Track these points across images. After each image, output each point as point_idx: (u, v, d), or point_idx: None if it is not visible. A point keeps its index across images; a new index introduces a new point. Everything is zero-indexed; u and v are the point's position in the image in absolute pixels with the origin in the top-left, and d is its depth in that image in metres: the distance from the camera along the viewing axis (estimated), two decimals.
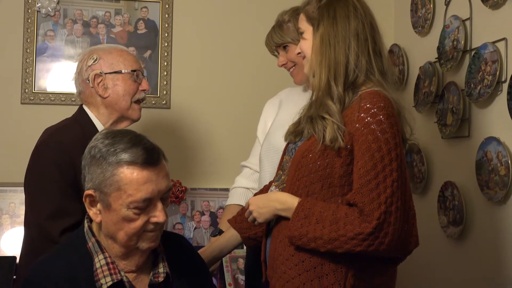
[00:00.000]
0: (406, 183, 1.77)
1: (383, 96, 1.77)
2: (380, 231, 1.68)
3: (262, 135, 2.53)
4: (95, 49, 2.33)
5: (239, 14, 3.38)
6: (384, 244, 1.69)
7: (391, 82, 1.88)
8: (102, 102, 2.27)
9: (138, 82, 2.31)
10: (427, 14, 3.02)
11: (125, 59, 2.30)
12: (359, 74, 1.83)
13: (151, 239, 1.69)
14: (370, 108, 1.74)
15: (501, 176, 2.36)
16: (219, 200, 3.24)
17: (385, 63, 1.88)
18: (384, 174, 1.70)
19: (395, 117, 1.76)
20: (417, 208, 3.00)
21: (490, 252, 2.48)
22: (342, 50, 1.83)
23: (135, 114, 2.33)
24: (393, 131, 1.73)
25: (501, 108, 2.40)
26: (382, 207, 1.69)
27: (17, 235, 3.00)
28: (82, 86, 2.29)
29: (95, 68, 2.26)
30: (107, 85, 2.26)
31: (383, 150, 1.71)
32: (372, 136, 1.72)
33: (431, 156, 2.96)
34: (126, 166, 1.62)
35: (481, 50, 2.51)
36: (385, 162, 1.71)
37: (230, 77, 3.36)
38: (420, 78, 3.03)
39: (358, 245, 1.69)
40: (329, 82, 1.83)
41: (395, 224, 1.70)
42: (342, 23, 1.84)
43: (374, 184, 1.70)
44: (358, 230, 1.69)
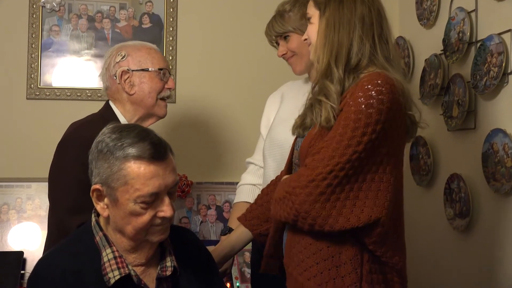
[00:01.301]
0: (379, 161, 1.73)
1: (383, 75, 1.75)
2: (314, 188, 1.68)
3: (265, 131, 2.53)
4: (124, 46, 2.34)
5: (244, 8, 3.38)
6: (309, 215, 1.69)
7: (396, 68, 1.86)
8: (128, 99, 2.29)
9: (164, 81, 2.32)
10: (432, 6, 3.01)
11: (153, 57, 2.31)
12: (362, 58, 1.82)
13: (160, 231, 1.69)
14: (366, 85, 1.73)
15: (508, 168, 2.36)
16: (225, 194, 3.25)
17: (391, 50, 1.87)
18: (349, 143, 1.69)
19: (392, 95, 1.73)
20: (424, 200, 3.03)
21: (496, 244, 2.48)
22: (346, 33, 1.82)
23: (161, 111, 2.35)
24: (381, 108, 1.70)
25: (507, 100, 2.40)
26: (327, 168, 1.68)
27: (24, 230, 3.01)
28: (109, 82, 2.31)
29: (122, 64, 2.27)
30: (133, 82, 2.27)
31: (361, 122, 1.69)
32: (355, 108, 1.71)
33: (437, 148, 2.95)
34: (133, 160, 1.62)
35: (486, 42, 2.51)
36: (356, 133, 1.69)
37: (235, 71, 3.36)
38: (425, 70, 3.02)
39: (294, 201, 1.70)
40: (329, 64, 1.83)
41: (338, 193, 1.69)
42: (348, 7, 1.84)
43: (333, 147, 1.70)
44: (295, 184, 1.71)
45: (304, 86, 2.46)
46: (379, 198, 1.71)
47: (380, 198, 1.72)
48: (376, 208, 1.70)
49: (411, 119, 1.86)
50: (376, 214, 1.70)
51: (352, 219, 1.69)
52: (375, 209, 1.70)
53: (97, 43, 3.22)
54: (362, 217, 1.69)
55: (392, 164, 1.76)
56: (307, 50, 2.34)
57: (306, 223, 1.71)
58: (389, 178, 1.74)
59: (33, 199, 3.04)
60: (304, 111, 1.92)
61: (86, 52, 3.23)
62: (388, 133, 1.73)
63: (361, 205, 1.70)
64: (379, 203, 1.71)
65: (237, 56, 3.37)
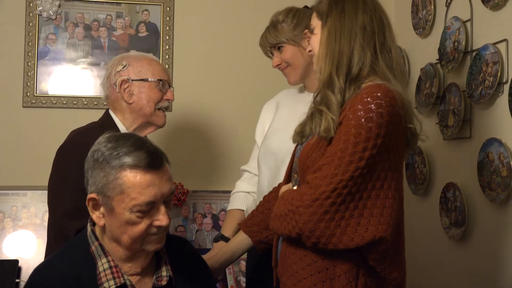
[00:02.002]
0: (383, 176, 1.71)
1: (384, 87, 1.73)
2: (318, 207, 1.66)
3: (260, 139, 2.53)
4: (126, 56, 2.38)
5: (240, 17, 3.39)
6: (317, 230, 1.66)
7: (399, 78, 1.84)
8: (127, 108, 2.32)
9: (163, 91, 2.34)
10: (428, 15, 3.02)
11: (154, 68, 2.34)
12: (363, 67, 1.80)
13: (156, 241, 1.69)
14: (365, 97, 1.70)
15: (503, 177, 2.36)
16: (221, 203, 3.25)
17: (394, 59, 1.85)
18: (351, 159, 1.66)
19: (392, 109, 1.71)
20: (419, 209, 3.03)
21: (492, 253, 2.48)
22: (347, 42, 1.81)
23: (160, 120, 2.37)
24: (380, 122, 1.68)
25: (503, 109, 2.40)
26: (330, 186, 1.66)
27: (19, 239, 3.00)
28: (109, 90, 2.34)
29: (123, 74, 2.31)
30: (132, 91, 2.30)
31: (362, 136, 1.67)
32: (355, 122, 1.68)
33: (433, 157, 2.96)
34: (129, 169, 1.62)
35: (482, 51, 2.52)
36: (357, 148, 1.66)
37: (232, 79, 3.37)
38: (421, 79, 3.03)
39: (298, 220, 1.68)
40: (331, 74, 1.81)
41: (342, 212, 1.66)
42: (350, 16, 1.83)
43: (335, 164, 1.67)
44: (298, 203, 1.69)
45: (299, 95, 2.47)
46: (384, 216, 1.69)
47: (385, 215, 1.69)
48: (381, 227, 1.68)
49: (412, 132, 1.84)
50: (380, 233, 1.67)
51: (356, 238, 1.66)
52: (379, 227, 1.68)
53: (94, 52, 3.23)
54: (367, 236, 1.67)
55: (396, 180, 1.74)
56: (301, 61, 2.36)
57: (310, 241, 1.69)
58: (394, 194, 1.72)
59: (29, 207, 3.03)
60: (305, 120, 1.90)
61: (82, 60, 3.23)
62: (389, 146, 1.71)
63: (365, 223, 1.67)
64: (384, 221, 1.68)
65: (233, 65, 3.37)
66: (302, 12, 2.40)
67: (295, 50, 2.36)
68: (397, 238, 1.78)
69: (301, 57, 2.36)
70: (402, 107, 1.76)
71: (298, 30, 2.35)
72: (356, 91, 1.77)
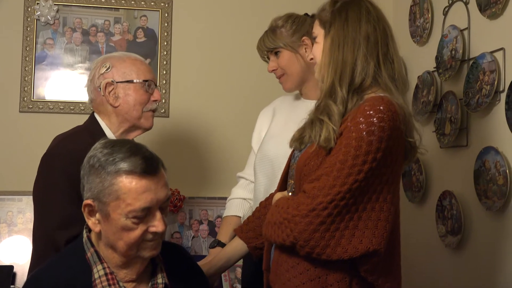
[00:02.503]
0: (379, 189, 1.71)
1: (386, 100, 1.73)
2: (315, 218, 1.66)
3: (257, 145, 2.53)
4: (108, 57, 2.29)
5: (239, 23, 3.39)
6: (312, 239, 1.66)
7: (401, 89, 1.84)
8: (113, 111, 2.24)
9: (149, 92, 2.27)
10: (425, 23, 3.03)
11: (138, 68, 2.26)
12: (366, 78, 1.80)
13: (151, 247, 1.68)
14: (368, 110, 1.70)
15: (499, 185, 2.36)
16: (218, 209, 3.24)
17: (397, 70, 1.85)
18: (350, 171, 1.66)
19: (393, 123, 1.71)
20: (416, 217, 3.03)
21: (488, 262, 2.48)
22: (351, 52, 1.80)
23: (147, 122, 2.29)
24: (382, 135, 1.68)
25: (499, 118, 2.41)
26: (328, 197, 1.66)
27: (15, 244, 2.99)
28: (94, 94, 2.26)
29: (107, 76, 2.23)
30: (118, 94, 2.23)
31: (362, 149, 1.67)
32: (356, 134, 1.68)
33: (430, 165, 2.96)
34: (125, 175, 1.62)
35: (479, 60, 2.52)
36: (357, 161, 1.67)
37: (229, 85, 3.37)
38: (418, 87, 3.03)
39: (293, 229, 1.68)
40: (333, 84, 1.80)
41: (337, 223, 1.67)
42: (353, 25, 1.82)
43: (334, 176, 1.67)
44: (294, 212, 1.69)
45: (296, 102, 2.47)
46: (379, 229, 1.69)
47: (380, 228, 1.69)
48: (374, 239, 1.68)
49: (411, 145, 1.84)
50: (374, 246, 1.68)
51: (350, 250, 1.67)
52: (373, 240, 1.68)
53: (91, 57, 3.22)
54: (360, 248, 1.67)
55: (392, 193, 1.74)
56: (297, 68, 2.36)
57: (303, 251, 1.69)
58: (389, 207, 1.72)
59: (24, 213, 3.03)
60: (304, 126, 1.90)
61: (80, 65, 3.23)
62: (388, 160, 1.71)
63: (359, 235, 1.68)
64: (378, 233, 1.69)
65: (230, 71, 3.37)
66: (301, 19, 2.40)
67: (291, 56, 2.36)
68: (392, 249, 1.78)
69: (297, 64, 2.36)
70: (403, 121, 1.76)
71: (296, 37, 2.35)
72: (359, 102, 1.77)
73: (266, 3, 3.38)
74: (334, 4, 1.88)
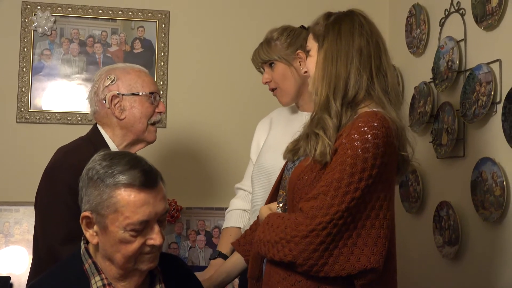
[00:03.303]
0: (378, 206, 1.72)
1: (380, 116, 1.74)
2: (315, 238, 1.66)
3: (255, 156, 2.52)
4: (112, 69, 2.27)
5: (236, 34, 3.40)
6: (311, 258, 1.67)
7: (394, 102, 1.84)
8: (118, 124, 2.23)
9: (155, 105, 2.26)
10: (422, 34, 3.04)
11: (143, 80, 2.25)
12: (359, 91, 1.80)
13: (149, 260, 1.68)
14: (362, 126, 1.71)
15: (496, 196, 2.37)
16: (215, 219, 3.24)
17: (390, 83, 1.85)
18: (347, 189, 1.67)
19: (387, 139, 1.72)
20: (413, 227, 3.03)
21: (485, 272, 2.48)
22: (344, 65, 1.81)
23: (151, 136, 2.29)
24: (376, 152, 1.69)
25: (496, 129, 2.42)
26: (327, 217, 1.66)
27: (11, 255, 2.99)
28: (98, 106, 2.24)
29: (112, 88, 2.21)
30: (124, 106, 2.21)
31: (358, 167, 1.68)
32: (352, 151, 1.69)
33: (427, 175, 2.96)
34: (124, 188, 1.61)
35: (475, 71, 2.53)
36: (353, 179, 1.67)
37: (226, 96, 3.37)
38: (415, 98, 3.04)
39: (293, 249, 1.68)
40: (328, 97, 1.81)
41: (336, 242, 1.67)
42: (346, 39, 1.83)
43: (331, 195, 1.68)
44: (293, 232, 1.69)
45: (292, 115, 2.47)
46: (378, 246, 1.69)
47: (379, 246, 1.70)
48: (373, 257, 1.68)
49: (404, 158, 1.85)
50: (373, 264, 1.68)
51: (347, 268, 1.67)
52: (372, 258, 1.68)
53: (88, 68, 3.23)
54: (358, 266, 1.68)
55: (391, 209, 1.75)
56: (291, 82, 2.36)
57: (302, 269, 1.70)
58: (388, 224, 1.73)
59: (21, 223, 3.02)
60: (298, 138, 1.90)
61: (77, 76, 3.24)
62: (384, 176, 1.72)
63: (358, 253, 1.68)
64: (377, 251, 1.69)
65: (228, 82, 3.38)
66: (297, 32, 2.40)
67: (286, 69, 2.36)
68: (388, 264, 1.77)
69: (291, 77, 2.35)
70: (396, 136, 1.77)
71: (291, 50, 2.35)
72: (353, 117, 1.78)
73: (263, 14, 3.39)
74: (327, 18, 1.90)
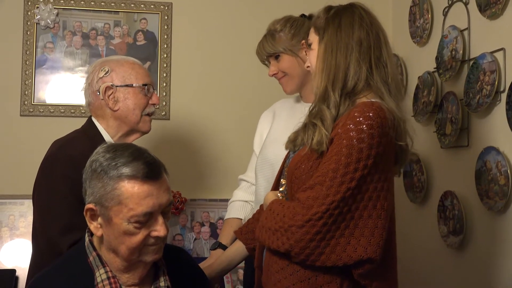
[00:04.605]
0: (375, 196, 1.72)
1: (376, 106, 1.75)
2: (311, 228, 1.67)
3: (258, 148, 2.53)
4: (107, 61, 2.31)
5: (238, 25, 3.39)
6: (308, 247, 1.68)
7: (394, 92, 1.85)
8: (112, 115, 2.25)
9: (148, 96, 2.29)
10: (425, 24, 3.03)
11: (137, 72, 2.28)
12: (358, 81, 1.82)
13: (153, 251, 1.68)
14: (357, 116, 1.73)
15: (501, 185, 2.36)
16: (219, 211, 3.24)
17: (390, 74, 1.86)
18: (342, 179, 1.68)
19: (383, 129, 1.73)
20: (417, 217, 3.03)
21: (490, 262, 2.48)
22: (343, 56, 1.83)
23: (145, 126, 2.31)
24: (371, 143, 1.70)
25: (500, 118, 2.41)
26: (323, 207, 1.68)
27: (17, 248, 3.00)
28: (92, 97, 2.27)
29: (106, 80, 2.24)
30: (117, 98, 2.24)
31: (353, 157, 1.69)
32: (347, 142, 1.71)
33: (431, 165, 2.96)
34: (127, 180, 1.62)
35: (479, 60, 2.52)
36: (349, 169, 1.69)
37: (230, 88, 3.37)
38: (419, 87, 3.04)
39: (290, 238, 1.70)
40: (326, 88, 1.83)
41: (333, 232, 1.68)
42: (346, 31, 1.85)
43: (327, 185, 1.69)
44: (290, 222, 1.70)
45: (296, 105, 2.47)
46: (375, 237, 1.70)
47: (376, 236, 1.71)
48: (370, 248, 1.69)
49: (402, 148, 1.85)
50: (369, 254, 1.69)
51: (344, 257, 1.69)
52: (368, 248, 1.69)
53: (92, 60, 3.22)
54: (354, 256, 1.69)
55: (388, 200, 1.76)
56: (298, 71, 2.36)
57: (298, 258, 1.72)
58: (386, 215, 1.73)
59: (26, 216, 3.03)
60: (298, 129, 1.92)
61: (80, 69, 3.24)
62: (380, 166, 1.73)
63: (355, 243, 1.69)
64: (374, 241, 1.70)
65: (231, 73, 3.38)
66: (300, 22, 2.39)
67: (292, 60, 2.36)
68: (387, 254, 1.78)
69: (298, 67, 2.35)
70: (392, 126, 1.77)
71: (296, 40, 2.35)
72: (350, 107, 1.80)
73: (266, 5, 3.38)
74: (328, 12, 1.92)
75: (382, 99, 1.81)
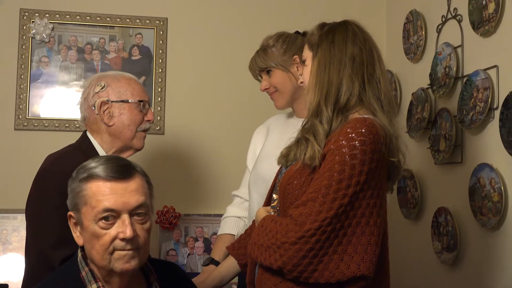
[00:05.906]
0: (368, 213, 1.72)
1: (369, 122, 1.76)
2: (304, 245, 1.67)
3: (251, 164, 2.53)
4: (103, 76, 2.31)
5: (233, 41, 3.40)
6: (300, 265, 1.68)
7: (387, 109, 1.86)
8: (107, 130, 2.25)
9: (144, 112, 2.29)
10: (419, 41, 3.05)
11: (133, 88, 2.28)
12: (351, 97, 1.83)
13: (124, 259, 1.64)
14: (350, 132, 1.73)
15: (494, 202, 2.37)
16: (213, 226, 3.23)
17: (383, 90, 1.87)
18: (335, 196, 1.68)
19: (375, 146, 1.73)
20: (411, 233, 3.03)
21: (484, 278, 2.48)
22: (336, 72, 1.84)
23: (139, 143, 2.30)
24: (364, 159, 1.71)
25: (494, 135, 2.42)
26: (315, 224, 1.67)
27: (9, 262, 2.98)
28: (88, 112, 2.27)
29: (102, 95, 2.24)
30: (113, 113, 2.24)
31: (345, 173, 1.69)
32: (339, 158, 1.71)
33: (425, 181, 2.96)
34: (93, 180, 1.64)
35: (472, 77, 2.54)
36: (341, 185, 1.69)
37: (224, 103, 3.37)
38: (412, 104, 3.05)
39: (283, 255, 1.69)
40: (319, 103, 1.84)
41: (326, 248, 1.68)
42: (339, 47, 1.86)
43: (320, 201, 1.69)
44: (283, 239, 1.70)
45: (289, 121, 2.48)
46: (368, 253, 1.70)
47: (369, 253, 1.70)
48: (363, 264, 1.69)
49: (395, 165, 1.86)
50: (362, 271, 1.69)
51: (337, 274, 1.68)
52: (362, 265, 1.69)
53: (87, 75, 3.23)
54: (348, 273, 1.68)
55: (381, 216, 1.76)
56: (289, 86, 2.37)
57: (291, 275, 1.71)
58: (379, 231, 1.73)
59: (19, 231, 3.01)
60: (291, 144, 1.92)
61: (75, 83, 3.24)
62: (373, 183, 1.73)
63: (348, 260, 1.69)
64: (367, 258, 1.70)
65: (225, 89, 3.38)
66: (292, 37, 2.41)
67: (283, 75, 2.37)
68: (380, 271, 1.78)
69: (289, 83, 2.37)
70: (384, 143, 1.78)
71: (288, 56, 2.36)
72: (343, 122, 1.80)
73: (260, 21, 3.40)
74: (322, 28, 1.93)
75: (374, 115, 1.82)
